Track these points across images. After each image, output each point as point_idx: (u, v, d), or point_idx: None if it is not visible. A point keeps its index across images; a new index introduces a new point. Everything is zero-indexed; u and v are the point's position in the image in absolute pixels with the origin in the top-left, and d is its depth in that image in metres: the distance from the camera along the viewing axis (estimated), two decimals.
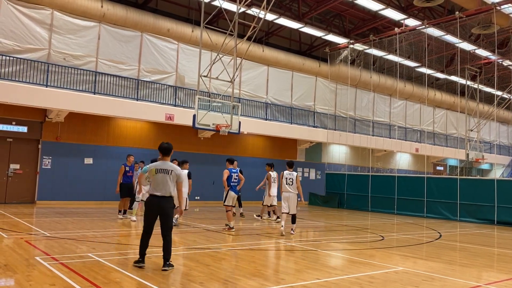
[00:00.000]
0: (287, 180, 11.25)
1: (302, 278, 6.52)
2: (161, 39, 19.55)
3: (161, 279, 6.11)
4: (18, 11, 16.16)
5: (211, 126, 15.66)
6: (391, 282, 6.57)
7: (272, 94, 23.25)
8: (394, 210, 20.08)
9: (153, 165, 6.94)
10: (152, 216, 6.77)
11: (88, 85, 17.18)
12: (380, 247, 10.02)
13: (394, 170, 28.54)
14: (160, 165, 6.88)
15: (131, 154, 13.75)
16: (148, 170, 6.88)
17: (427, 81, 27.62)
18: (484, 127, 31.06)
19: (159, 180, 6.74)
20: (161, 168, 6.81)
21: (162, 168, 6.81)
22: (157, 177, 6.77)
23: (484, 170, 37.58)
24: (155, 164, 6.93)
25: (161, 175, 6.75)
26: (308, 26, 22.35)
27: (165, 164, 6.88)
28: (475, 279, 7.22)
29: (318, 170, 26.12)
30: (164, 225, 6.74)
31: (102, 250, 8.17)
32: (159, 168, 6.81)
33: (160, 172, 6.77)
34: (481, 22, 20.97)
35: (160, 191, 6.72)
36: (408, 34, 22.59)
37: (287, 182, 11.23)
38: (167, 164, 6.91)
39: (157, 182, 6.75)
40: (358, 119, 27.25)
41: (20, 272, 6.22)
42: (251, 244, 9.77)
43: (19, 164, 16.88)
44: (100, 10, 17.65)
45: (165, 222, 6.74)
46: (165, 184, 6.74)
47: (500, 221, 16.57)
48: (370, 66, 26.40)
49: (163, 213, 6.74)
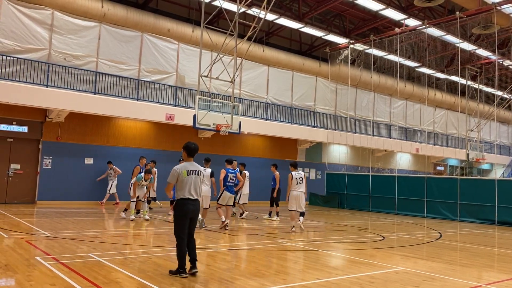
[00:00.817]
0: (297, 180, 12.02)
1: (303, 278, 6.53)
2: (162, 39, 19.55)
3: (161, 279, 6.11)
4: (19, 11, 16.16)
5: (211, 126, 15.65)
6: (392, 282, 6.57)
7: (273, 94, 23.25)
8: (395, 210, 20.07)
9: (182, 166, 6.53)
10: (187, 221, 6.39)
11: (88, 85, 17.18)
12: (381, 247, 10.02)
13: (394, 170, 28.52)
14: (189, 166, 6.55)
15: (144, 156, 13.91)
16: (177, 172, 6.45)
17: (427, 81, 27.63)
18: (484, 127, 31.06)
19: (192, 182, 6.43)
20: (192, 170, 6.51)
21: (192, 169, 6.52)
22: (189, 179, 6.42)
23: (484, 170, 37.57)
24: (183, 166, 6.53)
25: (193, 177, 6.47)
26: (309, 26, 22.34)
27: (193, 165, 6.61)
28: (476, 279, 7.22)
29: (319, 170, 26.11)
30: (193, 227, 6.51)
31: (103, 250, 8.18)
32: (189, 169, 6.49)
33: (192, 173, 6.48)
34: (482, 22, 20.96)
35: (194, 193, 6.43)
36: (408, 34, 22.58)
37: (297, 182, 12.00)
38: (195, 165, 6.65)
39: (190, 184, 6.41)
40: (359, 119, 27.25)
41: (20, 272, 6.22)
42: (251, 244, 9.76)
43: (19, 164, 16.88)
44: (101, 10, 17.65)
45: (194, 225, 6.55)
46: (197, 186, 6.50)
47: (500, 221, 16.56)
48: (371, 66, 26.40)
49: (195, 216, 6.52)
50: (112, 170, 17.50)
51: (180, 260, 6.27)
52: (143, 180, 12.91)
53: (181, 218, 6.36)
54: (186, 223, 6.36)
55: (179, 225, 6.35)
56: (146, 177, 12.95)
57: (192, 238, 6.47)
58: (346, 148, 27.27)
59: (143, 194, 13.15)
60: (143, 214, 13.11)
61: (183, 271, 6.25)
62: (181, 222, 6.36)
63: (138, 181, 12.91)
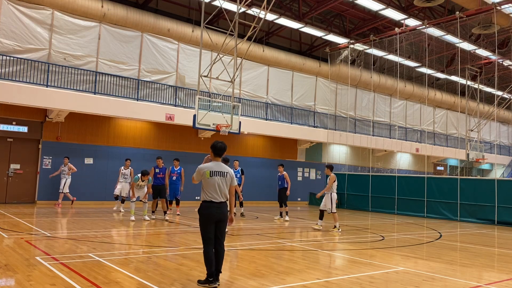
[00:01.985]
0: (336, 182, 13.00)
1: (303, 278, 6.52)
2: (162, 39, 19.55)
3: (161, 279, 6.11)
4: (19, 11, 16.16)
5: (211, 126, 15.65)
6: (392, 282, 6.56)
7: (273, 94, 23.24)
8: (395, 210, 20.07)
9: (206, 166, 6.08)
10: (211, 225, 5.96)
11: (88, 85, 17.18)
12: (381, 247, 10.02)
13: (394, 170, 28.53)
14: (214, 166, 6.07)
15: (160, 156, 13.89)
16: (201, 172, 6.06)
17: (427, 81, 27.63)
18: (484, 127, 31.05)
19: (216, 184, 5.99)
20: (217, 171, 6.04)
21: (217, 170, 6.05)
22: (212, 180, 5.98)
23: (484, 170, 37.57)
24: (208, 166, 6.08)
25: (217, 178, 6.01)
26: (309, 26, 22.34)
27: (219, 166, 6.11)
28: (476, 279, 7.22)
29: (319, 170, 26.11)
30: (222, 232, 6.06)
31: (103, 250, 8.18)
32: (214, 170, 6.03)
33: (216, 175, 6.02)
34: (482, 22, 20.95)
35: (217, 196, 5.98)
36: (408, 34, 22.58)
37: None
38: (221, 165, 6.15)
39: (213, 186, 5.98)
40: (359, 119, 27.25)
41: (20, 272, 6.22)
42: (251, 244, 9.76)
43: (19, 164, 16.88)
44: (101, 10, 17.65)
45: (223, 229, 6.08)
46: (222, 188, 6.02)
47: (500, 221, 16.56)
48: (371, 66, 26.40)
49: (222, 219, 6.02)
50: (67, 167, 16.25)
51: (207, 268, 5.88)
52: (140, 181, 13.00)
53: (204, 222, 5.98)
54: (210, 228, 5.96)
55: (203, 229, 6.01)
56: (144, 178, 13.03)
57: (220, 247, 6.01)
58: (346, 148, 27.26)
59: (143, 194, 13.22)
60: (143, 214, 13.15)
61: (212, 280, 5.82)
62: (204, 226, 5.99)
63: (135, 182, 13.04)
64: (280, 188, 15.19)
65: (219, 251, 5.98)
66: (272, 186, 23.42)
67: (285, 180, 15.04)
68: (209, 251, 5.89)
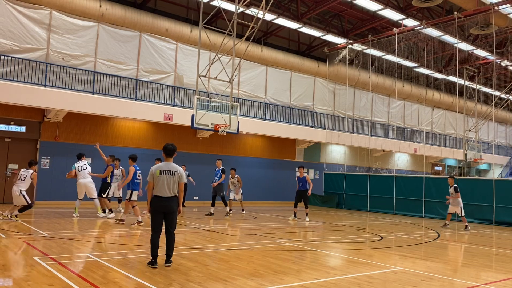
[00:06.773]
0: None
1: (301, 278, 6.52)
2: (160, 39, 19.53)
3: (160, 279, 6.11)
4: (17, 11, 16.12)
5: (209, 126, 15.64)
6: (390, 282, 6.57)
7: (271, 94, 23.24)
8: (393, 210, 20.09)
9: (157, 166, 7.09)
10: (159, 216, 6.95)
11: (86, 85, 17.16)
12: (379, 247, 10.03)
13: (392, 170, 28.56)
14: (163, 166, 7.06)
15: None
16: (152, 171, 7.05)
17: (425, 81, 27.64)
18: (482, 127, 31.10)
19: (164, 181, 6.95)
20: (166, 170, 7.01)
21: (166, 169, 7.02)
22: (161, 178, 6.96)
23: (482, 170, 37.64)
24: (158, 166, 7.09)
25: (166, 176, 6.97)
26: (307, 26, 22.35)
27: (168, 166, 7.08)
28: (474, 279, 7.23)
29: (317, 170, 26.13)
30: (170, 223, 6.99)
31: (101, 250, 8.16)
32: (163, 169, 7.01)
33: (165, 173, 6.98)
34: (480, 22, 20.99)
35: (164, 192, 6.93)
36: (406, 34, 22.60)
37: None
38: (171, 165, 7.10)
39: (162, 183, 6.94)
40: (357, 119, 27.27)
41: (18, 272, 6.21)
42: (249, 244, 9.76)
43: (17, 164, 16.82)
44: (99, 10, 17.62)
45: (171, 221, 6.99)
46: (169, 185, 6.95)
47: (498, 221, 16.60)
48: (369, 66, 26.42)
49: (169, 212, 6.97)
50: (119, 171, 15.20)
51: (151, 252, 6.88)
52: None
53: (152, 213, 6.97)
54: (158, 218, 6.92)
55: (151, 219, 6.99)
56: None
57: (170, 234, 6.97)
58: (344, 148, 27.28)
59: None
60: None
61: (151, 262, 6.83)
62: (152, 217, 6.97)
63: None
64: (302, 190, 15.14)
65: (169, 239, 6.96)
66: (271, 186, 23.47)
67: (307, 182, 15.06)
68: (155, 238, 6.88)
